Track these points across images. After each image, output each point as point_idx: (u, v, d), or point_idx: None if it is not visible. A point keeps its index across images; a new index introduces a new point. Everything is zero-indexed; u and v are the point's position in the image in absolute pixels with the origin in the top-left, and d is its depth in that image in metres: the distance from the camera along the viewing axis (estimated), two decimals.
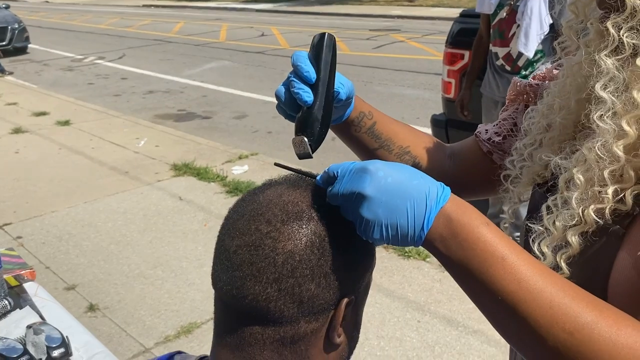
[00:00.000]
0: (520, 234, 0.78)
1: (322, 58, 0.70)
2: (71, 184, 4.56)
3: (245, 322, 0.59)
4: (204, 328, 2.69)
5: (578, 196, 0.61)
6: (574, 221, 0.61)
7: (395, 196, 0.55)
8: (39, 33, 15.34)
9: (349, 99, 0.83)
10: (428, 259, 3.19)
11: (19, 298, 1.63)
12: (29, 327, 1.42)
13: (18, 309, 1.55)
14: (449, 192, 0.57)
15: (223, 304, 0.62)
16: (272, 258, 0.57)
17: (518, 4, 2.83)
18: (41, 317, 1.54)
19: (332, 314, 0.60)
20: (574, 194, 0.61)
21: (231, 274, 0.59)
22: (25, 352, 1.33)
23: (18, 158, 5.23)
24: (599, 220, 0.59)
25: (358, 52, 10.82)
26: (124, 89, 8.77)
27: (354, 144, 0.92)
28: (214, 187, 4.42)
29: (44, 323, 1.46)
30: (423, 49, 11.05)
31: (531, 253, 0.60)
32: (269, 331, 0.59)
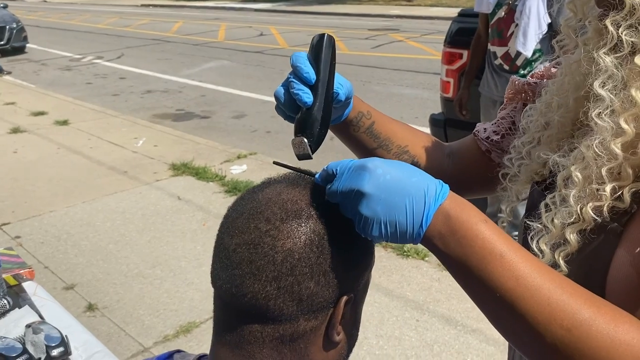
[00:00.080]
0: (519, 231, 0.78)
1: (322, 59, 0.70)
2: (69, 183, 4.56)
3: (245, 320, 0.59)
4: (202, 327, 2.69)
5: (576, 194, 0.61)
6: (572, 219, 0.61)
7: (394, 193, 0.55)
8: (37, 32, 15.32)
9: (348, 100, 0.83)
10: (427, 258, 3.19)
11: (18, 297, 1.63)
12: (28, 326, 1.42)
13: (17, 308, 1.55)
14: (448, 189, 0.57)
15: (222, 302, 0.62)
16: (271, 256, 0.57)
17: (516, 3, 2.83)
18: (40, 316, 1.54)
19: (331, 312, 0.60)
20: (572, 191, 0.61)
21: (230, 272, 0.59)
22: (25, 351, 1.33)
23: (16, 158, 5.22)
24: (597, 217, 0.60)
25: (357, 52, 10.83)
26: (122, 89, 8.76)
27: (352, 143, 0.93)
28: (213, 187, 4.42)
29: (43, 322, 1.46)
30: (422, 48, 11.06)
31: (530, 251, 0.60)
32: (268, 329, 0.59)
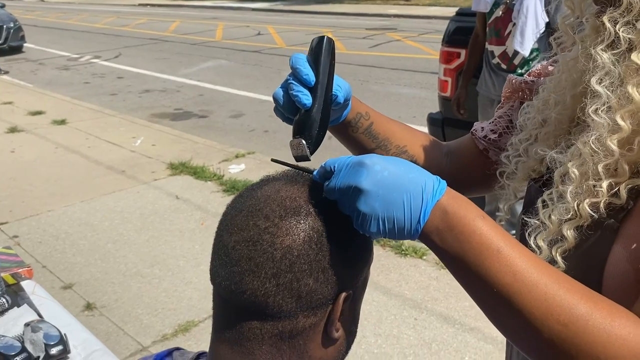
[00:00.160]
0: (516, 228, 0.78)
1: (321, 61, 0.70)
2: (67, 183, 4.55)
3: (244, 317, 0.60)
4: (201, 326, 2.69)
5: (573, 190, 0.61)
6: (569, 215, 0.61)
7: (392, 190, 0.55)
8: (34, 32, 15.28)
9: (346, 101, 0.84)
10: (425, 257, 3.19)
11: (16, 296, 1.63)
12: (26, 324, 1.42)
13: (16, 307, 1.55)
14: (445, 185, 0.57)
15: (222, 299, 0.62)
16: (270, 253, 0.57)
17: (514, 2, 2.84)
18: (39, 315, 1.54)
19: (330, 308, 0.60)
20: (569, 187, 0.62)
21: (229, 269, 0.59)
22: (24, 349, 1.33)
23: (14, 157, 5.21)
24: (593, 214, 0.60)
25: (354, 51, 10.83)
26: (120, 88, 8.75)
27: (351, 144, 0.93)
28: (211, 186, 4.42)
29: (42, 321, 1.46)
30: (419, 47, 11.06)
31: (527, 247, 0.60)
32: (267, 326, 0.59)
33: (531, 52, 2.85)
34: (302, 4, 21.99)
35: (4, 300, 1.54)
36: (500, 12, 2.93)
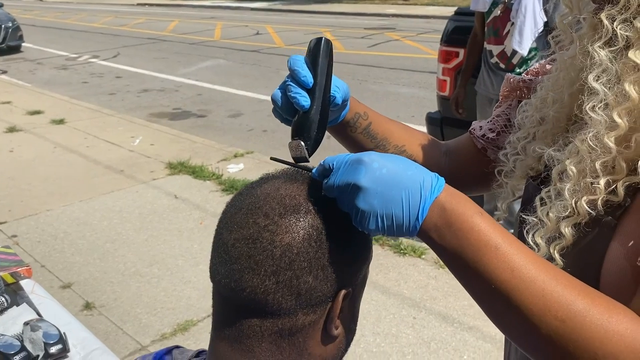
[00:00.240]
0: (514, 225, 0.79)
1: (319, 63, 0.70)
2: (66, 182, 4.55)
3: (244, 314, 0.60)
4: (200, 326, 2.69)
5: (571, 187, 0.62)
6: (567, 212, 0.62)
7: (390, 187, 0.56)
8: (32, 32, 15.27)
9: (344, 102, 0.84)
10: (423, 256, 3.20)
11: (15, 295, 1.63)
12: (26, 323, 1.42)
13: (15, 306, 1.55)
14: (443, 182, 0.57)
15: (221, 297, 0.62)
16: (270, 251, 0.57)
17: (512, 2, 2.84)
18: (38, 314, 1.54)
19: (329, 306, 0.61)
20: (566, 185, 0.62)
21: (229, 267, 0.59)
22: (23, 348, 1.34)
23: (12, 157, 5.21)
24: (591, 211, 0.60)
25: (353, 51, 10.83)
26: (118, 88, 8.74)
27: (350, 144, 0.93)
28: (210, 186, 4.42)
29: (41, 320, 1.46)
30: (418, 47, 11.07)
31: (525, 244, 0.60)
32: (267, 323, 0.59)
33: (529, 52, 2.85)
34: (301, 3, 21.98)
35: (3, 299, 1.54)
36: (499, 12, 2.94)
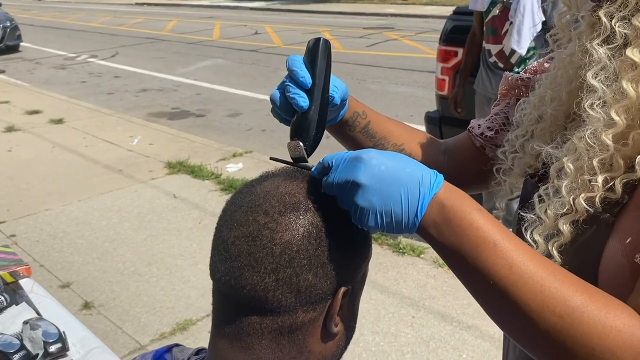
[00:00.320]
0: (513, 223, 0.79)
1: (318, 63, 0.70)
2: (65, 182, 4.54)
3: (244, 312, 0.60)
4: (199, 325, 2.69)
5: (568, 185, 0.62)
6: (565, 209, 0.62)
7: (389, 184, 0.56)
8: (31, 31, 15.24)
9: (343, 102, 0.84)
10: (422, 255, 3.20)
11: (14, 294, 1.63)
12: (25, 322, 1.42)
13: (14, 305, 1.55)
14: (442, 179, 0.58)
15: (221, 294, 0.62)
16: (269, 248, 0.57)
17: (511, 1, 2.85)
18: (37, 313, 1.54)
19: (329, 303, 0.61)
20: (564, 182, 0.62)
21: (229, 264, 0.59)
22: (22, 347, 1.34)
23: (11, 156, 5.21)
24: (589, 208, 0.61)
25: (351, 50, 10.83)
26: (117, 87, 8.74)
27: (348, 143, 0.94)
28: (208, 185, 4.42)
29: (40, 319, 1.46)
30: (417, 47, 11.07)
31: (524, 241, 0.61)
32: (267, 321, 0.59)
33: (528, 51, 2.86)
34: (299, 3, 21.97)
35: (2, 298, 1.55)
36: (497, 11, 2.94)
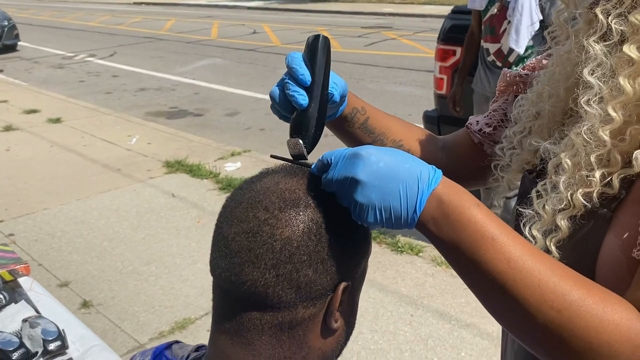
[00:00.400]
0: (511, 219, 0.80)
1: (317, 61, 0.70)
2: (63, 181, 4.54)
3: (244, 307, 0.60)
4: (198, 324, 2.69)
5: (566, 180, 0.62)
6: (562, 205, 0.62)
7: (388, 180, 0.56)
8: (28, 30, 15.20)
9: (342, 98, 0.84)
10: (421, 254, 3.21)
11: (13, 292, 1.63)
12: (24, 320, 1.42)
13: (13, 303, 1.55)
14: (441, 174, 0.58)
15: (221, 290, 0.63)
16: (270, 244, 0.58)
17: (509, 0, 2.85)
18: (37, 311, 1.54)
19: (329, 299, 0.61)
20: (562, 178, 0.63)
21: (229, 260, 0.59)
22: (22, 345, 1.34)
23: (9, 156, 5.20)
24: (586, 203, 0.61)
25: (350, 50, 10.82)
26: (115, 87, 8.73)
27: (348, 139, 0.94)
28: (207, 184, 4.42)
29: (39, 317, 1.46)
30: (415, 46, 11.08)
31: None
32: (267, 316, 0.59)
33: (526, 50, 2.86)
34: (298, 2, 21.95)
35: (1, 296, 1.55)
36: (495, 10, 2.95)
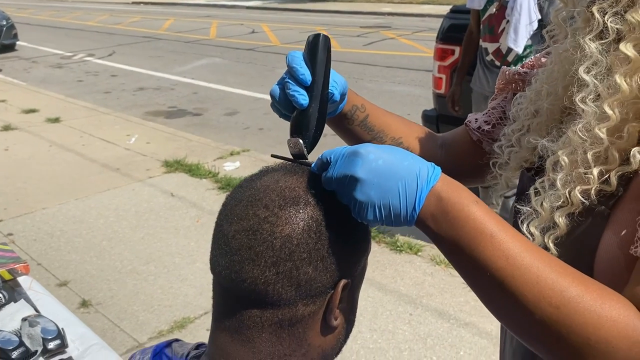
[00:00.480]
0: (509, 218, 0.80)
1: (317, 60, 0.70)
2: (62, 181, 4.54)
3: (244, 305, 0.60)
4: (197, 323, 2.70)
5: (563, 177, 0.63)
6: (560, 202, 0.63)
7: (387, 177, 0.56)
8: (27, 30, 15.18)
9: (342, 97, 0.85)
10: (420, 253, 3.21)
11: (13, 291, 1.63)
12: (24, 319, 1.42)
13: (13, 302, 1.55)
14: (440, 171, 0.58)
15: (222, 288, 0.63)
16: (270, 242, 0.58)
17: None
18: (36, 310, 1.55)
19: (329, 297, 0.61)
20: (559, 175, 0.63)
21: (230, 258, 0.60)
22: (21, 344, 1.34)
23: (8, 155, 5.20)
24: (584, 200, 0.61)
25: (349, 49, 10.82)
26: (114, 86, 8.72)
27: (347, 136, 0.94)
28: (206, 184, 4.42)
29: (39, 315, 1.46)
30: (414, 45, 11.08)
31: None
32: (267, 314, 0.60)
33: (525, 49, 2.87)
34: (296, 2, 21.93)
35: (0, 295, 1.55)
36: (494, 10, 2.95)
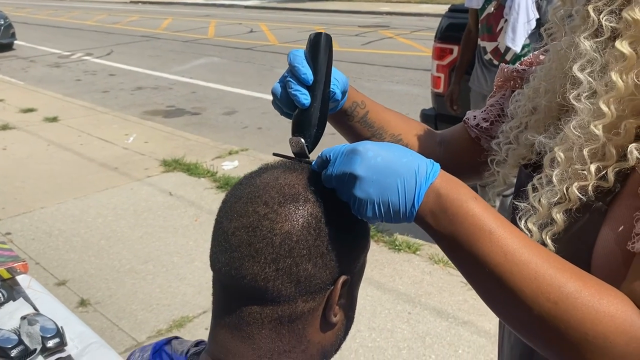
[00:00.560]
0: (507, 212, 0.80)
1: (319, 59, 0.70)
2: (60, 180, 4.53)
3: (244, 302, 0.61)
4: (195, 322, 2.70)
5: (559, 174, 0.63)
6: (557, 198, 0.63)
7: (386, 174, 0.57)
8: (25, 29, 15.17)
9: (343, 94, 0.85)
10: (418, 252, 3.22)
11: (12, 290, 1.63)
12: (23, 318, 1.42)
13: (11, 301, 1.55)
14: (439, 168, 0.58)
15: (221, 284, 0.63)
16: (269, 239, 0.58)
17: None
18: (35, 308, 1.55)
19: (328, 293, 0.61)
20: (555, 171, 0.63)
21: (229, 255, 0.60)
22: (20, 342, 1.34)
23: (6, 155, 5.19)
24: (582, 197, 0.62)
25: (347, 49, 10.82)
26: (112, 86, 8.71)
27: (347, 132, 0.95)
28: (204, 183, 4.42)
29: (38, 314, 1.46)
30: (412, 45, 11.09)
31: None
32: (267, 310, 0.60)
33: (523, 48, 2.87)
34: (295, 1, 21.93)
35: None
36: (492, 9, 2.95)
